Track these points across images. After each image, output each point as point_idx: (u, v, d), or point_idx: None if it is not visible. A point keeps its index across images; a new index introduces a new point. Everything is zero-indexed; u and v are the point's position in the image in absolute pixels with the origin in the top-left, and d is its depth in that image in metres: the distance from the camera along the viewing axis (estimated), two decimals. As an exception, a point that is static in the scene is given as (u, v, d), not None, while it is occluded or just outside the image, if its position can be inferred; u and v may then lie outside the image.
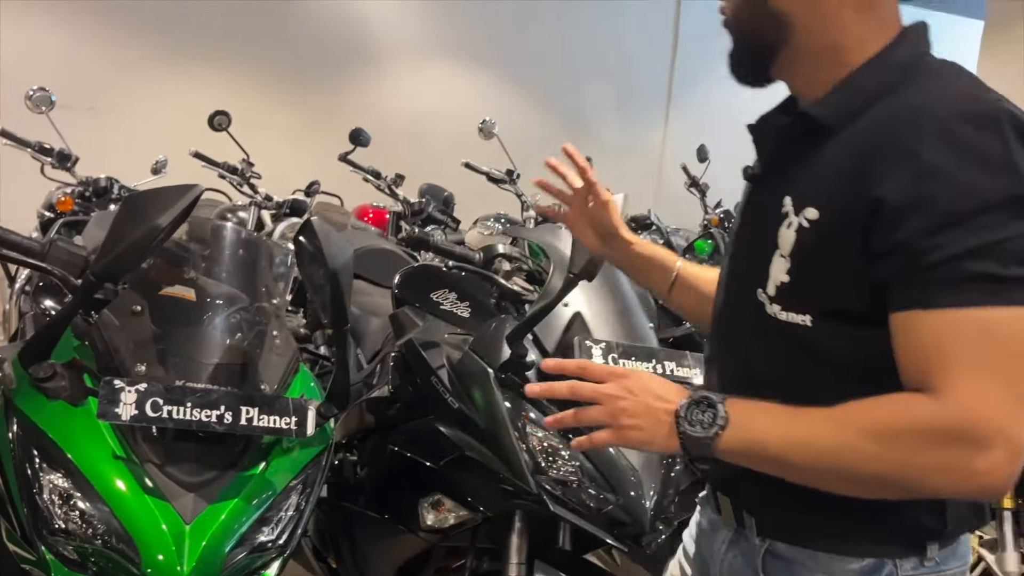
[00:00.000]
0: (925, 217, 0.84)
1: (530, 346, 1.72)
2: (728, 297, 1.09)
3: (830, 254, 0.92)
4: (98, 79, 5.81)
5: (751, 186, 1.09)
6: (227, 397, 1.34)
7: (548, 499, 1.59)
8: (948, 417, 0.83)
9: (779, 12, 0.98)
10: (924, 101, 0.89)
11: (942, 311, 0.84)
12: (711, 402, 0.92)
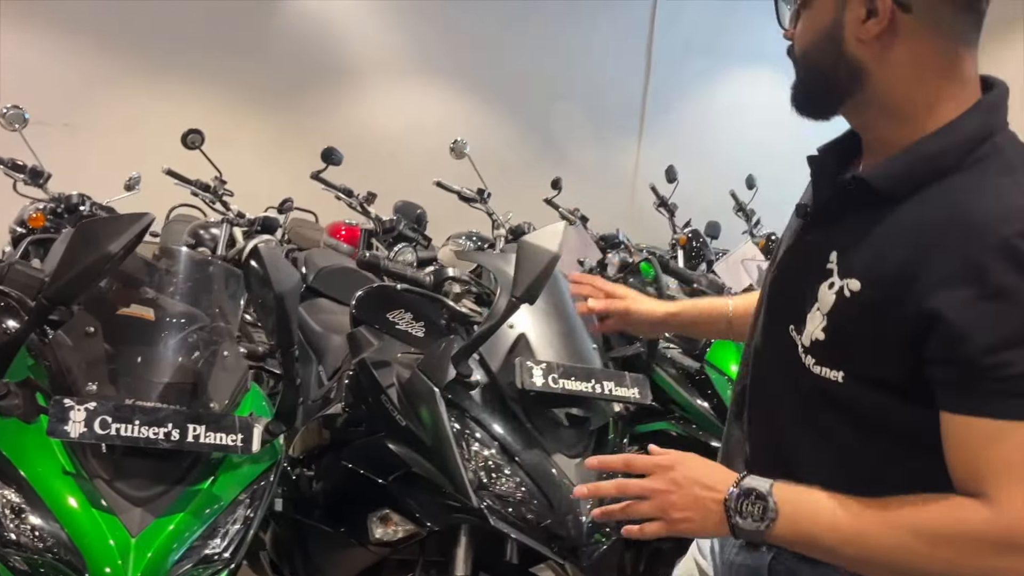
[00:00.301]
0: (988, 337, 0.87)
1: (476, 366, 1.79)
2: (765, 337, 1.12)
3: (869, 330, 0.94)
4: (73, 96, 5.86)
5: (801, 223, 1.09)
6: (175, 415, 1.40)
7: (489, 514, 1.66)
8: (1003, 527, 0.87)
9: (855, 60, 0.97)
10: (986, 209, 0.89)
11: (1000, 422, 0.87)
12: (760, 494, 0.94)
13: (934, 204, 0.92)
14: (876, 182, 0.96)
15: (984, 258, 0.87)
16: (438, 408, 1.72)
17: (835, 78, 0.99)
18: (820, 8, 0.98)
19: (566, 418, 1.79)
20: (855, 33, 0.95)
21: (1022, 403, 0.87)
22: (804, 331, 1.01)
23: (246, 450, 1.46)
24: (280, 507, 2.07)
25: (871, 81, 0.97)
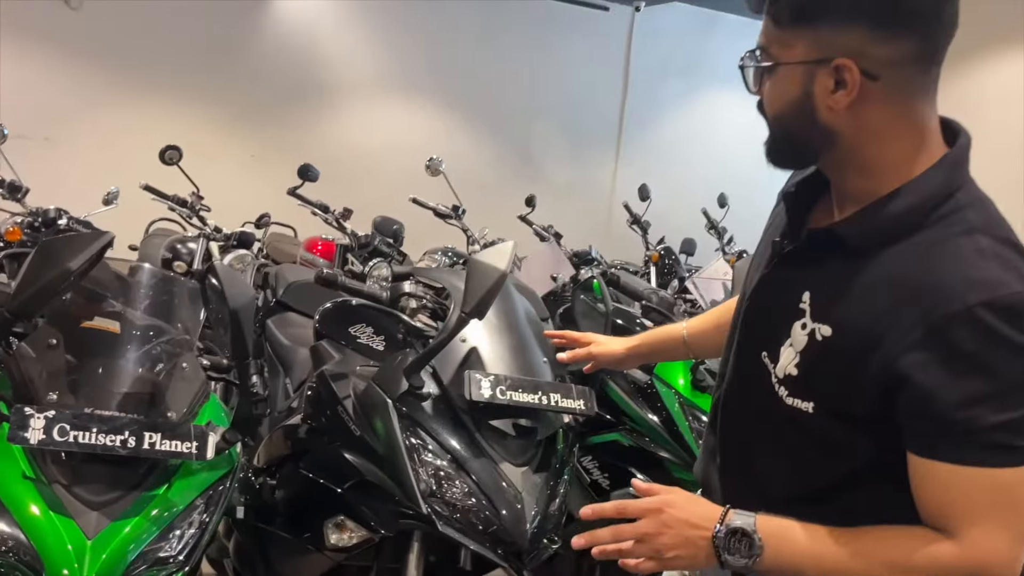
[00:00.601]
0: (955, 396, 0.95)
1: (429, 378, 1.87)
2: (739, 360, 1.20)
3: (839, 373, 1.03)
4: (52, 110, 5.93)
5: (776, 258, 1.15)
6: (132, 423, 1.47)
7: (437, 520, 1.73)
8: (967, 560, 0.98)
9: (828, 127, 1.03)
10: (950, 275, 0.97)
11: (967, 468, 0.97)
12: (746, 532, 1.02)
13: (902, 263, 1.00)
14: (849, 239, 1.04)
15: (949, 326, 0.95)
16: (390, 419, 1.80)
17: (809, 141, 1.06)
18: (788, 79, 1.04)
19: (513, 428, 1.86)
20: (826, 103, 1.01)
21: (986, 453, 0.96)
22: (778, 363, 1.09)
23: (200, 457, 1.53)
24: (242, 515, 2.14)
25: (843, 143, 1.03)
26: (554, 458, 1.94)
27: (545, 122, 7.68)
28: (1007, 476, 0.97)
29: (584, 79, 7.73)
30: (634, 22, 7.91)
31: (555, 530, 1.88)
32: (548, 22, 7.69)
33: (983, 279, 0.96)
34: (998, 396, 0.95)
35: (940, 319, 0.95)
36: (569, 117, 7.71)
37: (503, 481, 1.80)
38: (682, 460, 2.20)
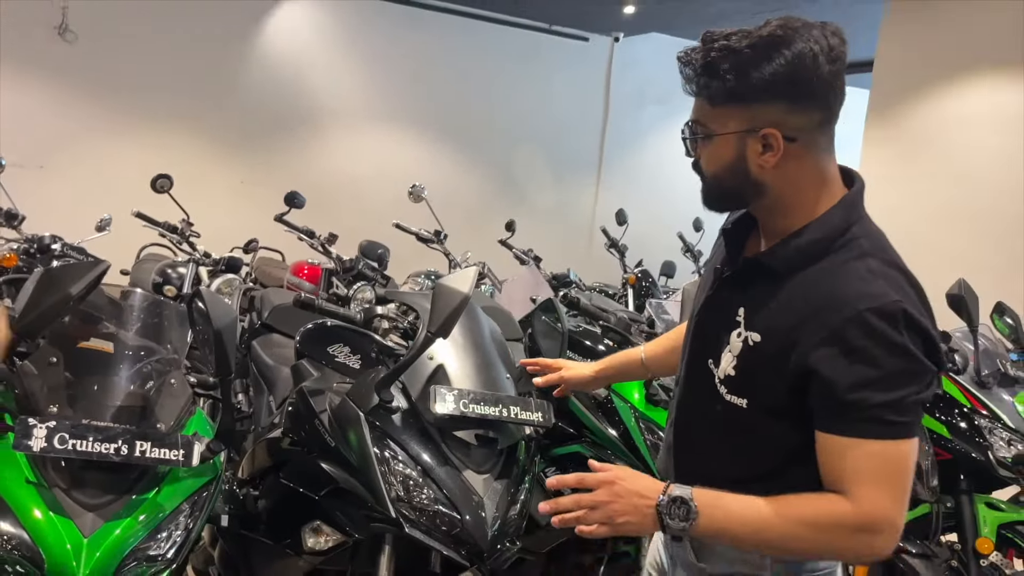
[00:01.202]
0: (849, 381, 1.20)
1: (399, 393, 2.03)
2: (690, 368, 1.45)
3: (765, 370, 1.28)
4: (48, 140, 6.08)
5: (717, 283, 1.42)
6: (124, 433, 1.63)
7: (405, 523, 1.88)
8: (858, 514, 1.22)
9: (758, 181, 1.28)
10: (846, 290, 1.22)
11: (857, 440, 1.21)
12: (684, 500, 1.25)
13: (812, 282, 1.26)
14: (772, 265, 1.31)
15: (845, 328, 1.21)
16: (363, 431, 1.95)
17: (743, 194, 1.31)
18: (724, 146, 1.28)
19: (476, 439, 2.01)
20: (756, 163, 1.26)
21: (871, 427, 1.21)
22: (720, 367, 1.34)
23: (187, 464, 1.68)
24: (227, 523, 2.28)
25: (770, 192, 1.29)
26: (515, 467, 2.09)
27: (528, 148, 7.88)
28: (889, 446, 1.22)
29: (565, 107, 7.95)
30: (613, 52, 8.14)
31: (515, 533, 2.02)
32: (530, 52, 7.91)
33: (871, 292, 1.22)
34: (882, 382, 1.20)
35: (839, 323, 1.21)
36: (551, 144, 7.92)
37: (466, 488, 1.94)
38: (633, 467, 2.35)
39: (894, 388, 1.20)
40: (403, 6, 7.35)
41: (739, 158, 1.27)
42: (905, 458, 1.23)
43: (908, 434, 1.22)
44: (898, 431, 1.21)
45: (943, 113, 4.96)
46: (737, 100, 1.24)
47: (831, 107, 1.26)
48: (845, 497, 1.22)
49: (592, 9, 7.17)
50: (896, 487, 1.23)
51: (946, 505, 3.05)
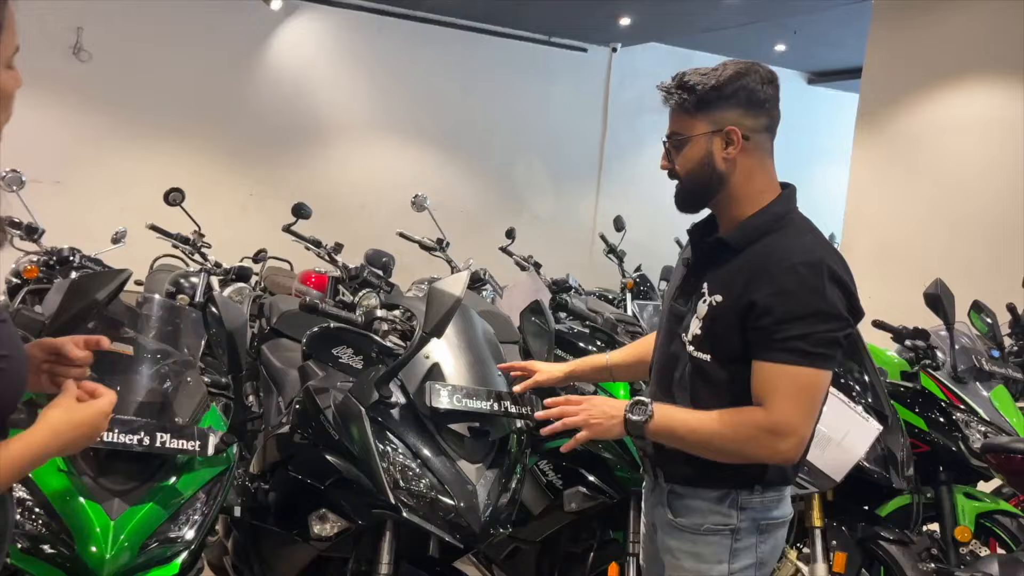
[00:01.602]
0: (776, 315, 1.59)
1: (397, 390, 2.18)
2: (667, 332, 1.84)
3: (725, 323, 1.67)
4: (64, 156, 6.29)
5: (686, 269, 1.82)
6: (146, 425, 1.79)
7: (403, 508, 2.03)
8: (770, 422, 1.60)
9: (721, 173, 1.69)
10: (785, 248, 1.63)
11: (777, 364, 1.60)
12: (644, 403, 1.68)
13: (759, 251, 1.67)
14: (731, 241, 1.72)
15: (780, 274, 1.61)
16: (364, 424, 2.10)
17: (710, 185, 1.71)
18: (695, 145, 1.70)
19: (469, 431, 2.17)
20: (721, 156, 1.68)
21: (789, 355, 1.59)
22: (688, 331, 1.74)
23: (202, 453, 1.85)
24: (239, 514, 2.44)
25: (729, 183, 1.70)
26: (507, 457, 2.24)
27: (528, 157, 8.05)
28: (801, 371, 1.59)
29: (565, 116, 8.11)
30: (611, 62, 8.32)
31: (507, 518, 2.16)
32: (530, 64, 8.09)
33: (804, 250, 1.63)
34: (802, 320, 1.58)
35: (776, 271, 1.61)
36: (551, 152, 8.08)
37: (460, 476, 2.09)
38: (620, 459, 2.51)
39: (811, 325, 1.57)
40: (405, 21, 7.55)
41: (707, 154, 1.68)
42: (813, 382, 1.61)
43: (819, 365, 1.60)
44: (811, 360, 1.59)
45: (930, 118, 5.11)
46: (705, 107, 1.67)
47: (772, 117, 1.71)
48: (763, 407, 1.60)
49: (590, 21, 7.35)
50: (803, 404, 1.61)
51: (926, 496, 3.19)
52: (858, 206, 5.43)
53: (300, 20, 7.35)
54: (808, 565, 2.81)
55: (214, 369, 2.75)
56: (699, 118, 1.68)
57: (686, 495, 1.77)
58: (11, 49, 1.09)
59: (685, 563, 1.78)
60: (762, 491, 1.75)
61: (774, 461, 1.67)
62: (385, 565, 2.13)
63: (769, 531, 1.78)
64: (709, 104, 1.66)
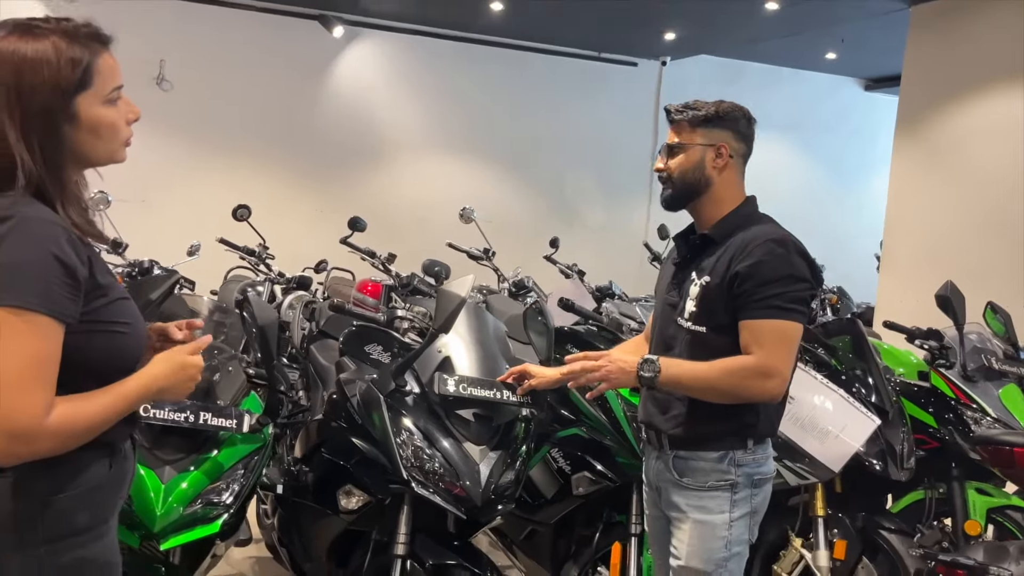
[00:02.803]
0: (755, 280, 1.99)
1: (412, 380, 2.46)
2: (663, 320, 2.21)
3: (715, 298, 2.05)
4: (148, 177, 6.83)
5: (674, 267, 2.22)
6: (193, 406, 2.13)
7: (414, 483, 2.30)
8: (760, 364, 1.98)
9: (708, 178, 2.11)
10: (756, 233, 2.04)
11: (760, 320, 1.99)
12: (652, 360, 2.03)
13: (737, 240, 2.07)
14: (713, 235, 2.12)
15: (755, 248, 2.01)
16: (382, 410, 2.38)
17: (697, 188, 2.12)
18: (693, 153, 2.10)
19: (475, 417, 2.43)
20: (711, 165, 2.10)
21: (769, 311, 1.98)
22: (685, 312, 2.11)
23: (238, 430, 2.17)
24: (282, 491, 2.76)
25: (712, 188, 2.12)
26: (511, 441, 2.49)
27: (579, 170, 8.27)
28: (779, 324, 1.99)
29: (616, 129, 8.30)
30: (662, 75, 8.49)
31: (510, 495, 2.41)
32: (580, 79, 8.31)
33: (773, 232, 2.06)
34: (776, 282, 1.99)
35: (752, 248, 2.01)
36: (602, 164, 8.28)
37: (466, 456, 2.34)
38: (620, 446, 2.73)
39: (784, 285, 1.98)
40: (458, 43, 7.90)
41: (700, 161, 2.10)
42: (790, 331, 2.01)
43: (793, 318, 2.00)
44: (787, 314, 1.99)
45: (969, 123, 5.13)
46: (706, 124, 2.10)
47: (749, 149, 2.17)
48: (752, 355, 1.98)
49: (637, 37, 7.54)
50: (783, 349, 2.00)
51: (939, 491, 3.29)
52: (899, 212, 5.47)
53: (360, 46, 7.80)
54: (811, 552, 2.96)
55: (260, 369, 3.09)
56: (699, 132, 2.10)
57: (689, 458, 2.13)
58: (108, 88, 1.35)
59: (692, 515, 2.12)
60: (753, 447, 2.11)
61: (763, 399, 2.04)
62: (403, 535, 2.40)
63: (760, 485, 2.15)
64: (709, 123, 2.10)
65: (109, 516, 1.36)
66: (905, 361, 3.64)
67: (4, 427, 1.16)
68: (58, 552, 1.26)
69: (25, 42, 1.27)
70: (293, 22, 7.43)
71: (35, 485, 1.25)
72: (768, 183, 8.95)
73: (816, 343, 3.24)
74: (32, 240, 1.20)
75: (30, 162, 1.25)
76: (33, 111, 1.25)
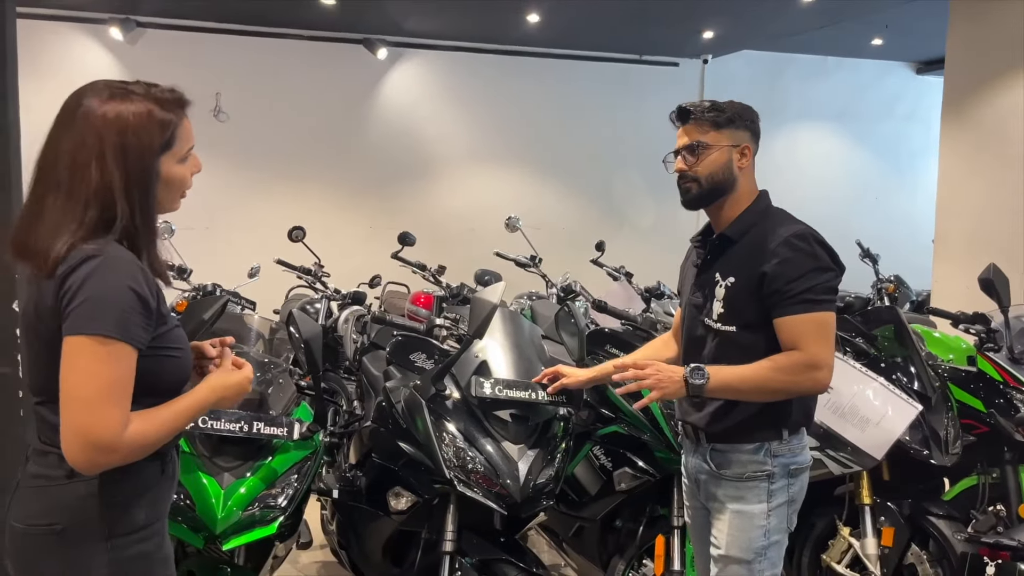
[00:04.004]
0: (784, 279, 2.03)
1: (452, 384, 2.58)
2: (690, 321, 2.27)
3: (741, 297, 2.10)
4: (211, 204, 7.15)
5: (697, 269, 2.26)
6: (247, 416, 2.29)
7: (457, 482, 2.41)
8: (805, 359, 2.03)
9: (734, 178, 2.16)
10: (773, 230, 2.08)
11: (797, 316, 2.04)
12: (700, 367, 2.07)
13: (754, 237, 2.13)
14: (731, 234, 2.17)
15: (777, 247, 2.05)
16: (424, 414, 2.50)
17: (724, 188, 2.17)
18: (720, 154, 2.15)
19: (512, 417, 2.53)
20: (737, 165, 2.16)
21: (802, 305, 2.02)
22: (712, 313, 2.15)
23: (289, 437, 2.33)
24: (338, 495, 2.91)
25: (736, 186, 2.17)
26: (549, 440, 2.59)
27: (626, 172, 8.31)
28: (815, 316, 2.04)
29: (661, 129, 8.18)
30: (704, 73, 8.48)
31: (550, 492, 2.49)
32: (622, 82, 8.36)
33: (791, 228, 2.09)
34: (803, 276, 2.04)
35: (775, 247, 2.05)
36: (648, 165, 8.21)
37: (505, 455, 2.44)
38: (658, 441, 2.80)
39: (813, 278, 2.03)
40: (497, 55, 8.05)
41: (728, 161, 2.15)
42: (827, 321, 2.05)
43: (826, 308, 2.05)
44: (820, 305, 2.04)
45: (1016, 102, 5.03)
46: (731, 125, 2.16)
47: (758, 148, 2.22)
48: (798, 350, 2.03)
49: (675, 38, 7.56)
50: (824, 339, 2.05)
51: (992, 476, 3.25)
52: (949, 196, 5.38)
53: (404, 65, 8.02)
54: (859, 540, 2.98)
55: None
56: (724, 133, 2.16)
57: (727, 451, 2.18)
58: (185, 149, 1.52)
59: (731, 506, 2.17)
60: (788, 438, 2.15)
61: (815, 391, 2.12)
62: (450, 533, 2.51)
63: (796, 475, 2.19)
64: (734, 123, 2.16)
65: (163, 514, 1.52)
66: (955, 347, 3.61)
67: (89, 440, 1.32)
68: (122, 546, 1.42)
69: (125, 107, 1.43)
70: (339, 48, 7.69)
71: (102, 489, 1.41)
72: (820, 174, 8.94)
73: (855, 332, 3.25)
74: (115, 276, 1.36)
75: (129, 215, 1.41)
76: (135, 170, 1.42)
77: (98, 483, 1.40)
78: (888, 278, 5.55)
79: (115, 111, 1.42)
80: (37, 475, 1.43)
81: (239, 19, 7.26)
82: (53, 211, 1.40)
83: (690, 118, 2.18)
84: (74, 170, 1.40)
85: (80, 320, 1.33)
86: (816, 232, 2.11)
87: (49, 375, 1.36)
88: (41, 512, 1.41)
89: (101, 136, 1.40)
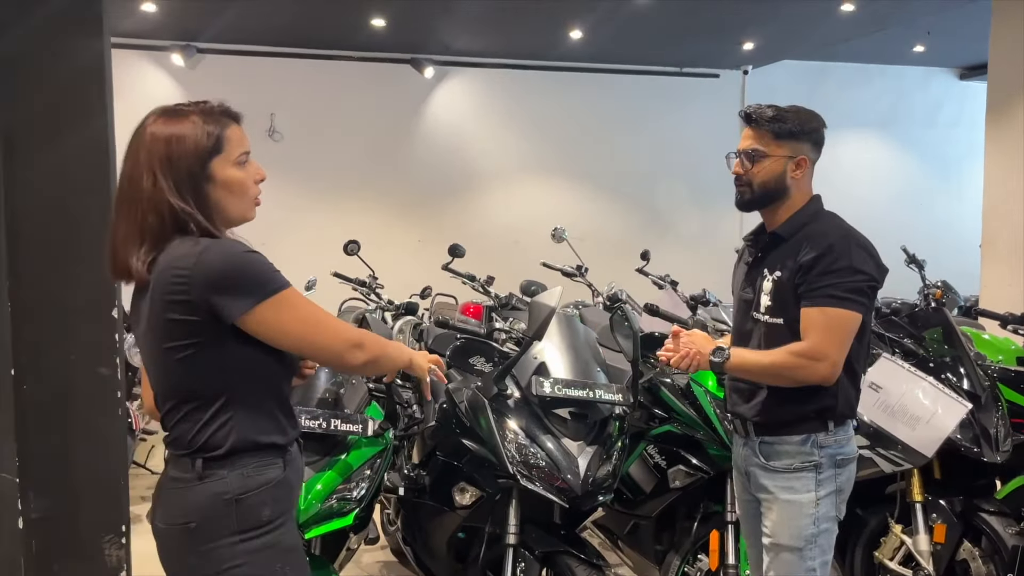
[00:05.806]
0: (815, 271, 2.14)
1: (512, 384, 2.71)
2: (740, 315, 2.39)
3: (786, 290, 2.20)
4: (267, 221, 7.30)
5: (748, 265, 2.37)
6: (324, 414, 2.45)
7: (520, 477, 2.54)
8: (810, 348, 2.14)
9: (789, 186, 2.25)
10: (821, 229, 2.20)
11: (815, 308, 2.14)
12: (722, 348, 2.19)
13: (802, 236, 2.23)
14: (782, 232, 2.27)
15: (818, 243, 2.16)
16: (488, 413, 2.63)
17: (775, 196, 2.26)
18: (776, 163, 2.23)
19: (570, 415, 2.66)
20: (791, 175, 2.24)
21: (826, 300, 2.12)
22: (761, 306, 2.26)
23: (363, 434, 2.47)
24: (403, 493, 3.05)
25: (789, 194, 2.26)
26: (606, 437, 2.70)
27: (669, 182, 8.40)
28: (833, 311, 2.13)
29: (703, 140, 8.37)
30: (745, 84, 8.54)
31: (609, 486, 2.60)
32: (664, 94, 8.46)
33: (836, 228, 2.22)
34: (833, 272, 2.13)
35: (816, 242, 2.17)
36: (691, 175, 8.37)
37: (565, 451, 2.56)
38: (711, 439, 2.90)
39: (841, 276, 2.12)
40: (541, 71, 8.22)
41: (782, 172, 2.23)
42: (843, 318, 2.13)
43: (848, 307, 2.12)
44: (841, 303, 2.11)
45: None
46: (789, 137, 2.22)
47: (821, 151, 2.30)
48: (808, 341, 2.13)
49: (716, 49, 7.65)
50: (833, 335, 2.13)
51: (1044, 474, 3.28)
52: (995, 200, 5.39)
53: (450, 83, 8.24)
54: (911, 537, 3.03)
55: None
56: (783, 144, 2.22)
57: (775, 443, 2.27)
58: (237, 153, 1.64)
59: (781, 496, 2.26)
60: (834, 429, 2.23)
61: (815, 381, 2.16)
62: (513, 526, 2.63)
63: (843, 465, 2.27)
64: (794, 136, 2.22)
65: (288, 508, 1.66)
66: (1004, 348, 3.65)
67: (348, 339, 1.64)
68: (249, 540, 1.57)
69: (171, 122, 1.60)
70: (387, 67, 7.94)
71: (228, 488, 1.57)
72: (864, 181, 8.93)
73: (903, 334, 3.32)
74: (233, 248, 1.56)
75: (191, 210, 1.57)
76: (181, 174, 1.57)
77: (221, 483, 1.56)
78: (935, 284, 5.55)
79: (165, 128, 1.58)
80: (174, 478, 1.60)
81: (293, 43, 7.54)
82: (122, 224, 1.57)
83: (752, 120, 2.25)
84: (132, 184, 1.56)
85: (245, 293, 1.54)
86: (861, 237, 2.20)
87: (183, 378, 1.56)
88: (178, 512, 1.58)
89: (151, 151, 1.56)
